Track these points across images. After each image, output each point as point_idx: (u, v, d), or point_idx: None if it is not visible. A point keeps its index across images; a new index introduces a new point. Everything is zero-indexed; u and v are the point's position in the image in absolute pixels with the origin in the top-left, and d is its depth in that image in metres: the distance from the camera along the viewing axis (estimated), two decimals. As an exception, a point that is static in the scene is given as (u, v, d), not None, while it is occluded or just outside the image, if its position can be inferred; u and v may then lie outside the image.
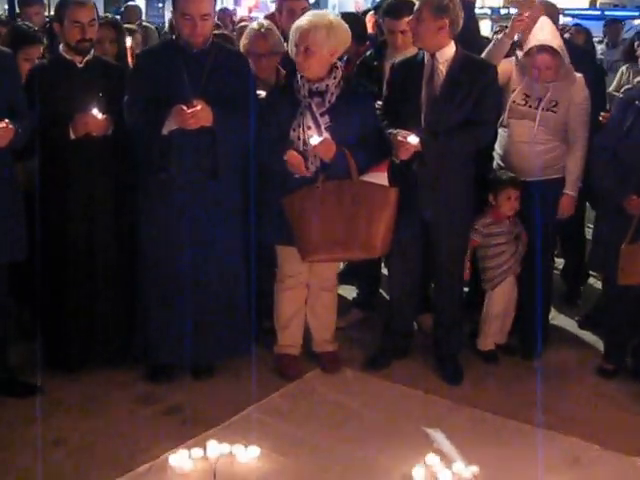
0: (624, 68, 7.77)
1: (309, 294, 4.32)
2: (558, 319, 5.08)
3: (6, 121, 3.50)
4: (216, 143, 3.87)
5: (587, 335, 4.89)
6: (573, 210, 4.44)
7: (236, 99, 3.87)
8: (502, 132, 4.44)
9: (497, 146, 4.51)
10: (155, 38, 7.63)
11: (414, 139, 3.86)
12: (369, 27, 5.50)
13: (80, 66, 4.00)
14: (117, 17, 5.75)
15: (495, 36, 4.59)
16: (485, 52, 4.48)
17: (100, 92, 3.93)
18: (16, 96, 3.73)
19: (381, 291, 5.24)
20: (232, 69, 3.95)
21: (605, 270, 4.35)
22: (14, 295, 4.19)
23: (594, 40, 8.59)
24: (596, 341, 4.76)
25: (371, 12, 5.86)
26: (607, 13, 16.49)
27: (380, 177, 3.92)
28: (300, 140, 3.95)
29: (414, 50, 4.22)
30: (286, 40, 4.18)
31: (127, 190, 4.08)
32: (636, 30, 5.75)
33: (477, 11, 5.57)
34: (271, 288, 4.32)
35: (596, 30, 9.81)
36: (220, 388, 4.12)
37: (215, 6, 3.96)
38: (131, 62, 4.53)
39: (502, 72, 4.26)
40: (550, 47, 4.21)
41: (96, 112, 3.83)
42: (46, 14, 6.68)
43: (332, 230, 3.87)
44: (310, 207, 3.88)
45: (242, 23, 6.55)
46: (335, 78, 3.98)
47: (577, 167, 4.36)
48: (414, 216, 4.11)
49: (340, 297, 4.64)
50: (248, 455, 3.50)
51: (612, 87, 7.23)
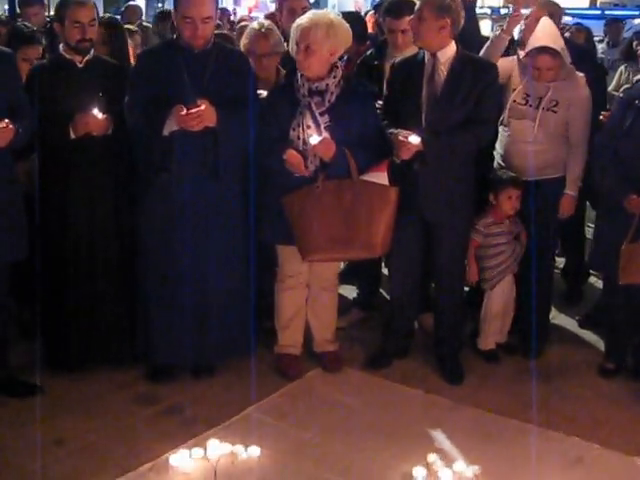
0: (623, 68, 7.78)
1: (310, 294, 4.32)
2: (559, 318, 5.08)
3: (6, 121, 3.49)
4: (218, 143, 3.87)
5: (588, 334, 4.89)
6: (573, 210, 4.44)
7: (237, 99, 3.87)
8: (502, 131, 4.44)
9: (498, 145, 4.51)
10: (155, 38, 7.60)
11: (415, 139, 3.86)
12: (369, 26, 5.50)
13: (80, 66, 4.00)
14: (117, 17, 5.70)
15: (493, 34, 4.57)
16: (483, 50, 4.47)
17: (100, 92, 3.93)
18: (16, 96, 3.73)
19: (381, 291, 5.23)
20: (233, 69, 3.95)
21: (606, 269, 4.35)
22: (14, 295, 4.19)
23: (594, 39, 8.59)
24: (597, 340, 4.76)
25: (371, 11, 5.86)
26: (607, 12, 16.46)
27: (380, 177, 3.92)
28: (300, 139, 3.95)
29: (414, 49, 4.21)
30: (286, 40, 4.18)
31: (127, 190, 4.09)
32: (636, 30, 5.76)
33: (477, 11, 5.54)
34: (271, 288, 4.32)
35: (596, 29, 9.80)
36: (221, 388, 4.12)
37: (217, 8, 3.93)
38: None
39: (503, 70, 4.25)
40: (551, 48, 4.21)
41: (96, 112, 3.83)
42: (47, 14, 6.66)
43: (332, 230, 3.87)
44: (310, 207, 3.89)
45: (242, 23, 6.54)
46: (335, 77, 3.97)
47: (577, 167, 4.36)
48: (415, 216, 4.11)
49: (341, 297, 4.64)
50: (249, 455, 3.50)
51: (611, 86, 7.23)
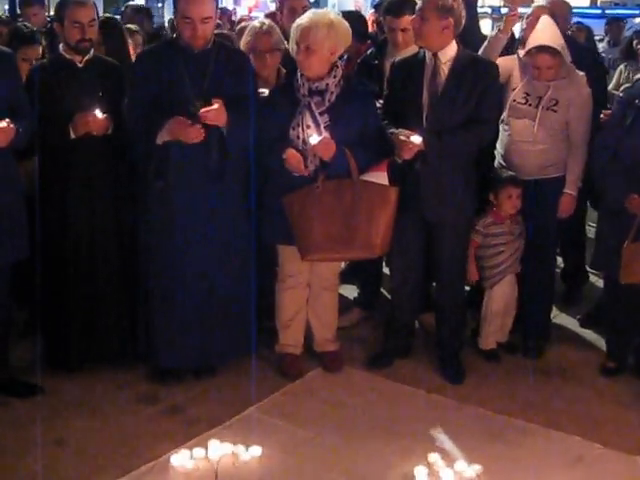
0: (622, 67, 7.77)
1: (310, 293, 4.32)
2: (559, 318, 5.07)
3: (7, 120, 3.48)
4: (226, 145, 3.85)
5: (589, 334, 4.88)
6: (573, 210, 4.42)
7: (238, 99, 3.85)
8: (503, 131, 4.43)
9: (498, 145, 4.50)
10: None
11: (417, 138, 3.85)
12: (369, 26, 5.49)
13: (80, 66, 3.99)
14: (115, 17, 5.66)
15: (491, 33, 4.57)
16: (481, 50, 4.46)
17: (100, 91, 3.93)
18: (16, 96, 3.72)
19: (382, 290, 5.23)
20: (234, 69, 3.94)
21: (607, 269, 4.34)
22: (14, 295, 4.18)
23: (595, 38, 8.59)
24: (598, 340, 4.75)
25: (371, 11, 5.86)
26: (608, 12, 16.47)
27: (380, 176, 3.91)
28: (299, 139, 3.94)
29: (414, 49, 4.21)
30: (287, 39, 4.17)
31: (128, 189, 4.08)
32: (636, 29, 5.76)
33: (477, 10, 5.53)
34: (272, 287, 4.32)
35: (597, 28, 9.80)
36: (222, 388, 4.12)
37: (217, 8, 3.91)
38: None
39: (503, 70, 4.24)
40: (550, 47, 4.20)
41: (97, 112, 3.82)
42: (47, 14, 6.65)
43: (332, 229, 3.86)
44: (310, 206, 3.88)
45: (242, 23, 6.53)
46: (335, 77, 3.96)
47: (578, 166, 4.35)
48: (416, 215, 4.11)
49: (341, 296, 4.64)
50: (250, 455, 3.50)
51: (611, 86, 7.22)
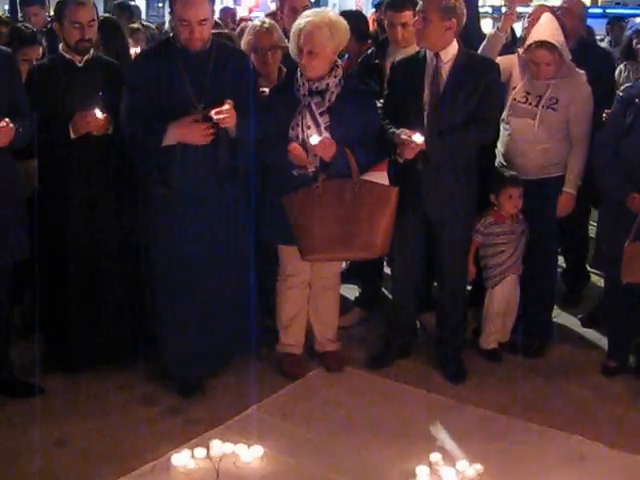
0: (622, 66, 7.76)
1: (311, 293, 4.31)
2: (561, 317, 5.07)
3: (6, 120, 3.47)
4: (235, 144, 3.82)
5: (590, 333, 4.88)
6: (572, 208, 4.40)
7: (239, 99, 3.79)
8: (503, 130, 4.42)
9: (499, 144, 4.49)
10: (156, 38, 7.57)
11: (419, 138, 3.83)
12: (370, 25, 5.48)
13: (80, 65, 3.99)
14: (114, 17, 5.62)
15: (490, 32, 4.57)
16: (481, 48, 4.46)
17: (100, 91, 3.92)
18: (16, 96, 3.71)
19: (384, 290, 5.22)
20: (233, 68, 3.89)
21: (608, 268, 4.33)
22: (14, 295, 4.17)
23: (596, 38, 8.58)
24: (599, 339, 4.74)
25: (372, 10, 5.85)
26: (609, 11, 16.45)
27: (380, 176, 3.90)
28: (299, 139, 3.92)
29: (415, 48, 4.20)
30: (288, 38, 4.15)
31: (128, 189, 4.06)
32: (636, 28, 5.75)
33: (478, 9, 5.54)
34: (273, 287, 4.31)
35: (598, 28, 9.79)
36: (222, 388, 4.11)
37: (213, 9, 3.84)
38: None
39: (504, 68, 4.24)
40: (548, 42, 4.20)
41: (97, 111, 3.81)
42: (47, 14, 6.64)
43: (332, 229, 3.85)
44: (310, 206, 3.87)
45: (243, 23, 6.52)
46: (336, 77, 3.95)
47: (577, 165, 4.33)
48: (418, 215, 4.10)
49: (342, 296, 4.63)
50: (251, 455, 3.50)
51: (610, 86, 7.21)
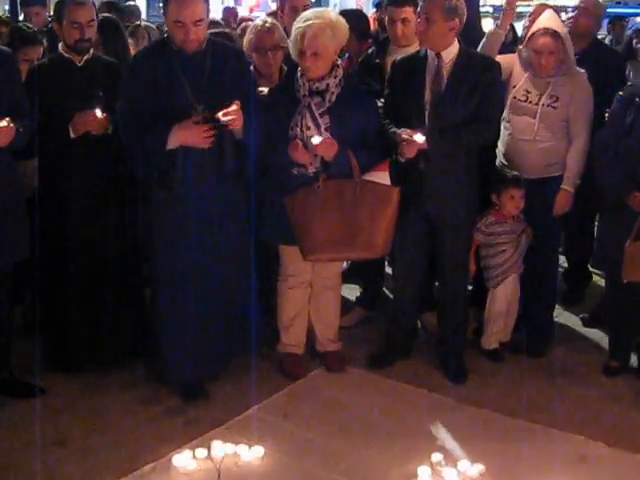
0: (623, 65, 7.75)
1: (312, 293, 4.30)
2: (563, 317, 5.06)
3: (7, 119, 3.46)
4: (240, 145, 3.79)
5: (592, 333, 4.87)
6: (569, 207, 4.37)
7: (239, 99, 3.72)
8: (504, 129, 4.41)
9: (499, 143, 4.49)
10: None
11: (420, 137, 3.82)
12: (371, 25, 5.48)
13: (79, 65, 3.98)
14: (113, 17, 5.61)
15: (489, 30, 4.56)
16: (480, 45, 4.45)
17: (100, 90, 3.90)
18: (17, 95, 3.70)
19: (385, 290, 5.22)
20: (231, 67, 3.83)
21: (609, 268, 4.33)
22: (15, 295, 4.17)
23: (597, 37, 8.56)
24: (601, 339, 4.73)
25: (373, 10, 5.85)
26: (609, 10, 16.44)
27: (382, 176, 3.89)
28: (298, 139, 3.90)
29: (415, 47, 4.20)
30: (288, 37, 4.14)
31: (129, 189, 4.05)
32: (636, 27, 5.74)
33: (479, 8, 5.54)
34: (274, 287, 4.30)
35: (599, 27, 9.78)
36: (223, 388, 4.10)
37: (208, 8, 3.76)
38: None
39: (504, 67, 4.21)
40: (553, 30, 4.19)
41: (97, 111, 3.81)
42: (48, 14, 6.64)
43: (333, 229, 3.84)
44: (312, 206, 3.85)
45: (244, 24, 6.52)
46: (336, 77, 3.94)
47: (576, 163, 4.31)
48: (419, 215, 4.09)
49: (343, 296, 4.62)
50: (252, 455, 3.49)
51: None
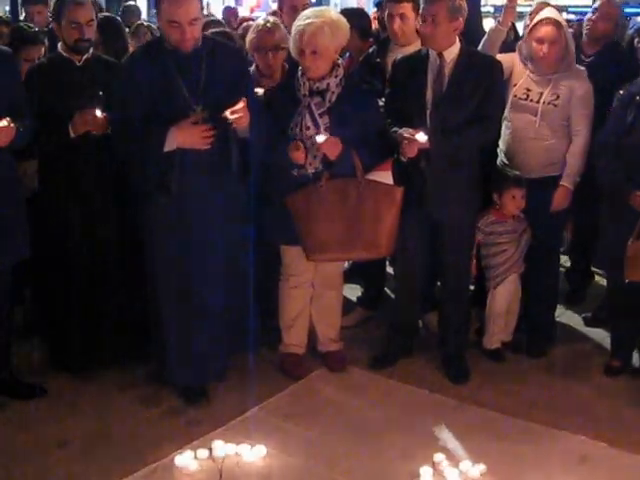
0: (623, 65, 7.74)
1: (314, 293, 4.30)
2: (565, 317, 5.05)
3: (7, 119, 3.45)
4: (245, 143, 3.74)
5: (594, 332, 4.86)
6: (567, 203, 4.35)
7: (237, 97, 3.66)
8: (505, 128, 4.40)
9: (500, 142, 4.48)
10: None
11: (423, 137, 3.81)
12: (372, 24, 5.47)
13: (79, 64, 3.97)
14: (113, 16, 5.60)
15: (490, 27, 4.56)
16: (481, 43, 4.44)
17: (100, 90, 3.89)
18: (17, 95, 3.70)
19: (386, 290, 5.21)
20: (228, 65, 3.78)
21: (610, 267, 4.32)
22: (15, 296, 4.16)
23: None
24: (602, 338, 4.72)
25: (374, 9, 5.84)
26: (610, 10, 16.42)
27: (385, 176, 3.89)
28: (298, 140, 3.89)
29: (417, 46, 4.19)
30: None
31: (128, 187, 4.04)
32: (637, 27, 5.73)
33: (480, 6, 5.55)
34: (276, 287, 4.30)
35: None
36: (225, 388, 4.09)
37: (202, 6, 3.69)
38: None
39: (504, 67, 4.18)
40: (555, 20, 4.20)
41: (97, 110, 3.79)
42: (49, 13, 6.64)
43: (337, 229, 3.84)
44: (314, 206, 3.85)
45: (245, 23, 6.51)
46: (336, 77, 3.93)
47: (576, 160, 4.30)
48: (421, 214, 4.08)
49: (345, 296, 4.61)
50: (254, 455, 3.49)
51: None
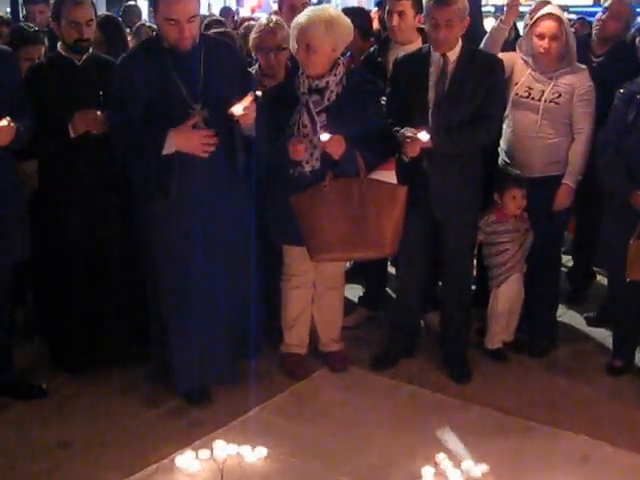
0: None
1: (315, 293, 4.29)
2: (567, 316, 5.05)
3: (8, 119, 3.44)
4: (249, 142, 3.73)
5: (596, 332, 4.85)
6: (570, 202, 4.35)
7: (236, 95, 3.63)
8: (506, 127, 4.39)
9: (502, 141, 4.47)
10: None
11: (425, 136, 3.80)
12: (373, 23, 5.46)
13: (78, 64, 3.97)
14: (113, 16, 5.59)
15: (492, 26, 4.55)
16: (483, 41, 4.44)
17: (99, 90, 3.88)
18: (17, 95, 3.69)
19: (388, 290, 5.21)
20: (227, 63, 3.76)
21: (612, 266, 4.32)
22: (16, 296, 4.16)
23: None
24: (605, 338, 4.72)
25: (375, 8, 5.83)
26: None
27: (388, 175, 3.88)
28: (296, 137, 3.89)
29: (417, 44, 4.19)
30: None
31: (128, 187, 4.03)
32: (637, 27, 5.75)
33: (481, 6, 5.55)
34: (277, 287, 4.29)
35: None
36: (226, 388, 4.08)
37: (199, 3, 3.61)
38: None
39: (505, 65, 4.18)
40: (556, 15, 4.20)
41: (96, 110, 3.79)
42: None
43: (341, 229, 3.82)
44: (318, 206, 3.83)
45: (245, 24, 6.51)
46: (336, 75, 3.92)
47: (577, 158, 4.29)
48: (423, 214, 4.07)
49: (346, 296, 4.60)
50: (255, 455, 3.49)
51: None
